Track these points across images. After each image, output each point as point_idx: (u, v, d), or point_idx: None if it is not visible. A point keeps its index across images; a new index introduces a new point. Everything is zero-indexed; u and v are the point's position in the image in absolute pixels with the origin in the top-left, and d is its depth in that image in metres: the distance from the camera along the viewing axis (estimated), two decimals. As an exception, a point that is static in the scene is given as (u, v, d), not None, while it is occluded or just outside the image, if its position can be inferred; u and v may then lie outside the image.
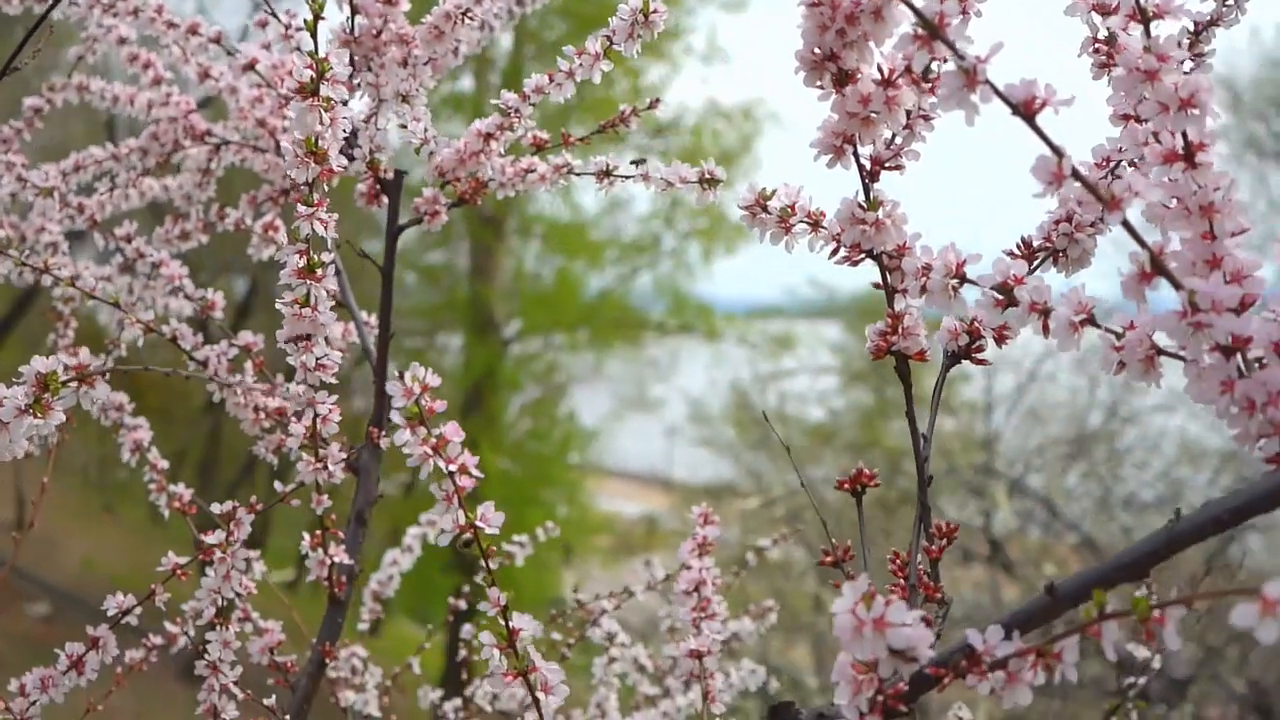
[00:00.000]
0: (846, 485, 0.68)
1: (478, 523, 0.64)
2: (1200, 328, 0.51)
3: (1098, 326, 0.57)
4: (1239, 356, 0.53)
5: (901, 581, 0.65)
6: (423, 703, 1.44)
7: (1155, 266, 0.52)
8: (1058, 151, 0.51)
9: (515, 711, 1.33)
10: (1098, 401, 7.74)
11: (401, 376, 0.62)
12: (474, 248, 11.36)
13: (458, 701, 1.40)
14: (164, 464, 1.11)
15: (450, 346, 11.95)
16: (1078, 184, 0.51)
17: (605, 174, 0.97)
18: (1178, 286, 0.52)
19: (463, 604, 1.51)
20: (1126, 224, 0.52)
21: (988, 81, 0.51)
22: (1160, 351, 0.55)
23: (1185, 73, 0.72)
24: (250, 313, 10.72)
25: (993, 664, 0.52)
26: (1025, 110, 0.51)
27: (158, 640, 1.15)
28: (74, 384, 0.68)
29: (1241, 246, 0.55)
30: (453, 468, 0.63)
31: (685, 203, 11.94)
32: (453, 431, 0.64)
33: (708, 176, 0.85)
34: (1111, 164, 0.69)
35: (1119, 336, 0.56)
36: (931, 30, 0.51)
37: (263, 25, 1.13)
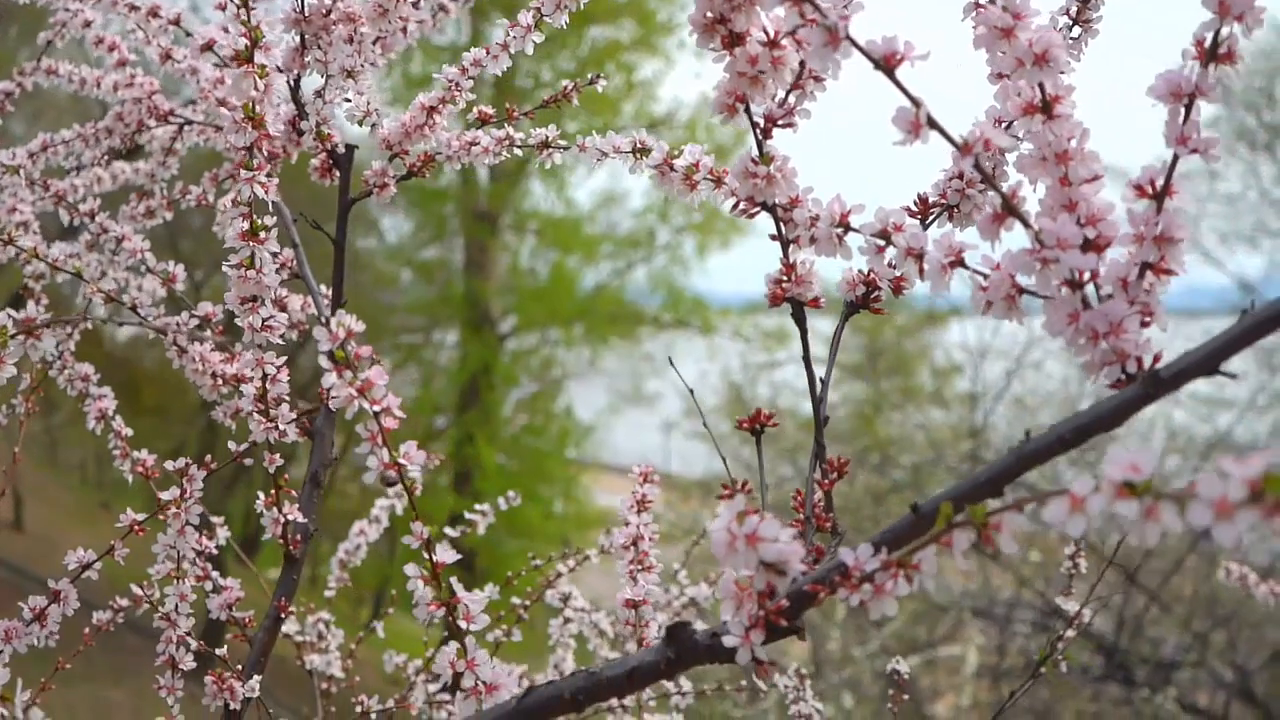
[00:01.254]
0: (746, 425, 0.72)
1: (401, 460, 0.68)
2: (1046, 264, 0.55)
3: (967, 268, 0.61)
4: (1089, 290, 0.57)
5: (800, 516, 0.69)
6: (387, 667, 1.48)
7: (1007, 208, 0.57)
8: (915, 102, 0.55)
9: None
10: (1088, 391, 7.79)
11: (327, 323, 0.66)
12: (469, 244, 11.40)
13: (419, 662, 1.44)
14: (128, 431, 1.15)
15: (446, 342, 12.00)
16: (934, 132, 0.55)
17: (545, 145, 1.02)
18: (1027, 226, 0.56)
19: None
20: (978, 168, 0.56)
21: (849, 38, 0.55)
22: (1021, 290, 0.59)
23: (1070, 36, 0.76)
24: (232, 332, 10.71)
25: (861, 578, 0.56)
26: (886, 64, 0.55)
27: (123, 602, 1.19)
28: (21, 336, 0.73)
29: (1099, 193, 0.59)
30: (378, 409, 0.67)
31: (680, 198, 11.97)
32: (377, 375, 0.68)
33: (639, 146, 0.89)
34: (1004, 123, 0.73)
35: (985, 278, 0.60)
36: (798, -9, 0.55)
37: (222, 8, 1.17)
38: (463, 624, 0.70)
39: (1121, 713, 6.24)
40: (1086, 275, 0.56)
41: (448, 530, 1.40)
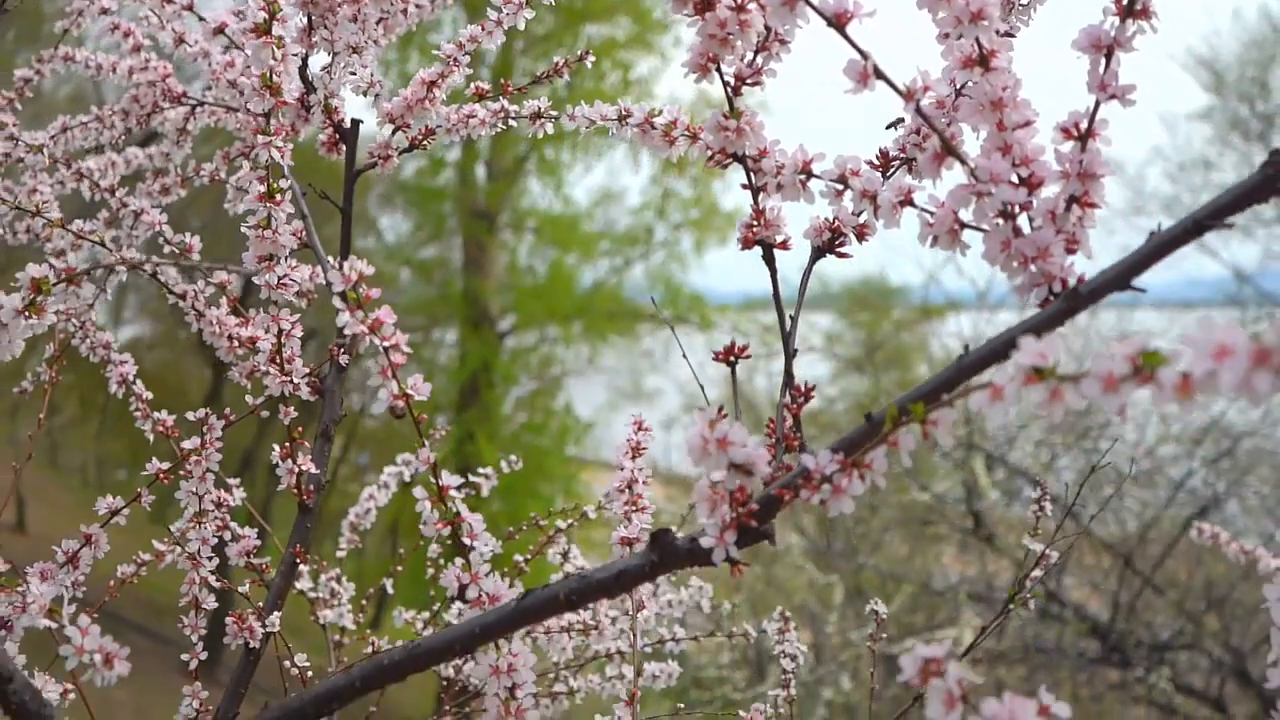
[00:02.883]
0: (721, 356, 0.79)
1: (409, 391, 0.75)
2: (980, 196, 0.62)
3: (915, 207, 0.68)
4: (1023, 223, 0.64)
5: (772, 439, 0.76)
6: (397, 622, 1.55)
7: (946, 148, 0.63)
8: (864, 55, 0.62)
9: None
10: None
11: (340, 267, 0.73)
12: (467, 243, 11.48)
13: (426, 615, 1.51)
14: (149, 395, 1.22)
15: (446, 341, 12.07)
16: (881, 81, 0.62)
17: (537, 116, 1.09)
18: (964, 164, 0.63)
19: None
20: (920, 113, 0.63)
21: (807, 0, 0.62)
22: (962, 224, 0.66)
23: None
24: (246, 310, 10.84)
25: (822, 479, 0.63)
26: (838, 22, 0.62)
27: (147, 556, 1.26)
28: (63, 285, 0.79)
29: (1033, 137, 0.66)
30: (388, 344, 0.74)
31: (677, 195, 12.09)
32: (386, 314, 0.75)
33: (624, 114, 0.96)
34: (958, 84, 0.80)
35: (932, 215, 0.67)
36: (758, -44, 0.62)
37: (232, -6, 1.24)
38: (467, 541, 0.77)
39: (1118, 696, 6.32)
40: (1018, 207, 0.63)
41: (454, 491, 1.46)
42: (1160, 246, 0.58)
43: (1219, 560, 6.47)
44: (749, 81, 0.73)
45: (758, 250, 0.81)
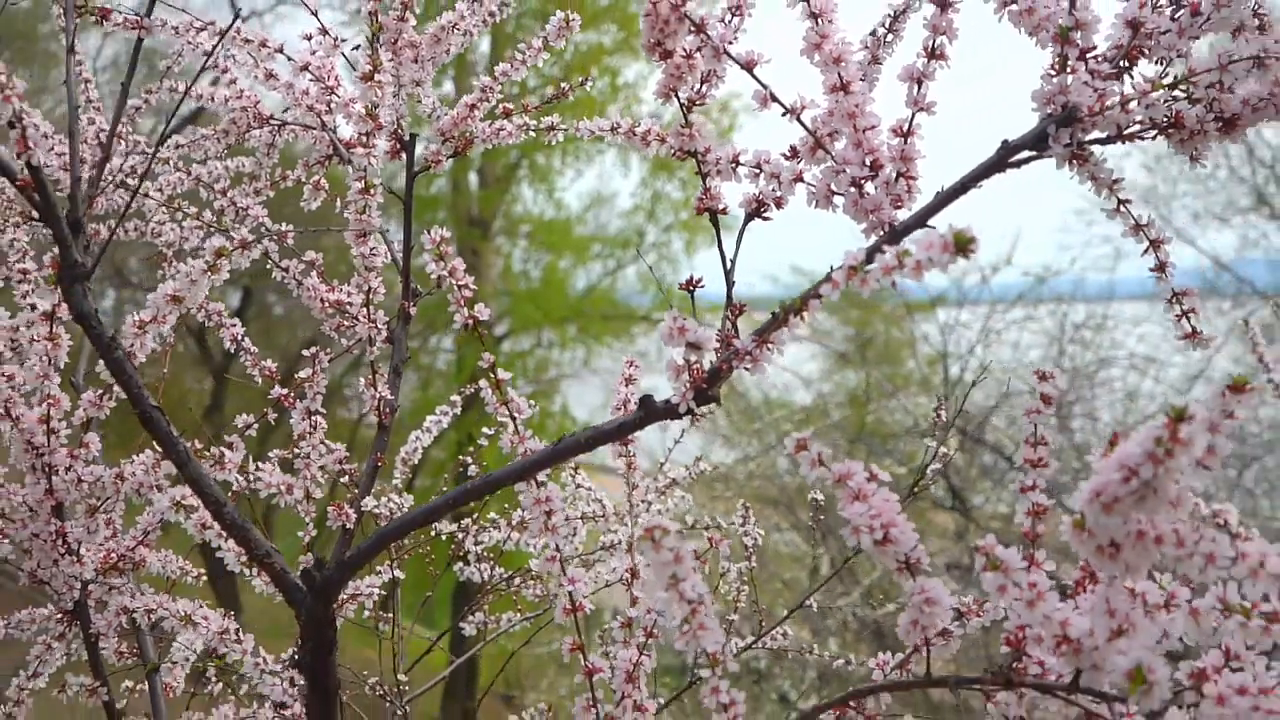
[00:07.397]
0: (686, 286, 1.17)
1: (475, 314, 1.13)
2: (838, 173, 1.00)
3: (805, 183, 1.06)
4: (869, 188, 1.02)
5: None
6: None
7: (817, 143, 1.01)
8: (764, 86, 1.00)
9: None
10: (1064, 365, 8.29)
11: (428, 231, 1.11)
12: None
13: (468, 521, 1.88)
14: (255, 350, 1.59)
15: (443, 347, 12.43)
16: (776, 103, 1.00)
17: (552, 129, 1.46)
18: (828, 153, 1.00)
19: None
20: (800, 122, 1.01)
21: (726, 53, 0.99)
22: (833, 192, 1.04)
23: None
24: (244, 321, 11.24)
25: (745, 353, 1.00)
26: (747, 66, 1.00)
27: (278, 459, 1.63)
28: (237, 250, 1.17)
29: (877, 136, 1.04)
30: (460, 283, 1.12)
31: (666, 197, 12.48)
32: (459, 263, 1.12)
33: (615, 125, 1.34)
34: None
35: (814, 187, 1.05)
36: (698, 27, 0.99)
37: (308, 38, 1.61)
38: (516, 415, 1.14)
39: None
40: (864, 180, 1.00)
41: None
42: (942, 200, 0.95)
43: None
44: (697, 103, 1.11)
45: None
